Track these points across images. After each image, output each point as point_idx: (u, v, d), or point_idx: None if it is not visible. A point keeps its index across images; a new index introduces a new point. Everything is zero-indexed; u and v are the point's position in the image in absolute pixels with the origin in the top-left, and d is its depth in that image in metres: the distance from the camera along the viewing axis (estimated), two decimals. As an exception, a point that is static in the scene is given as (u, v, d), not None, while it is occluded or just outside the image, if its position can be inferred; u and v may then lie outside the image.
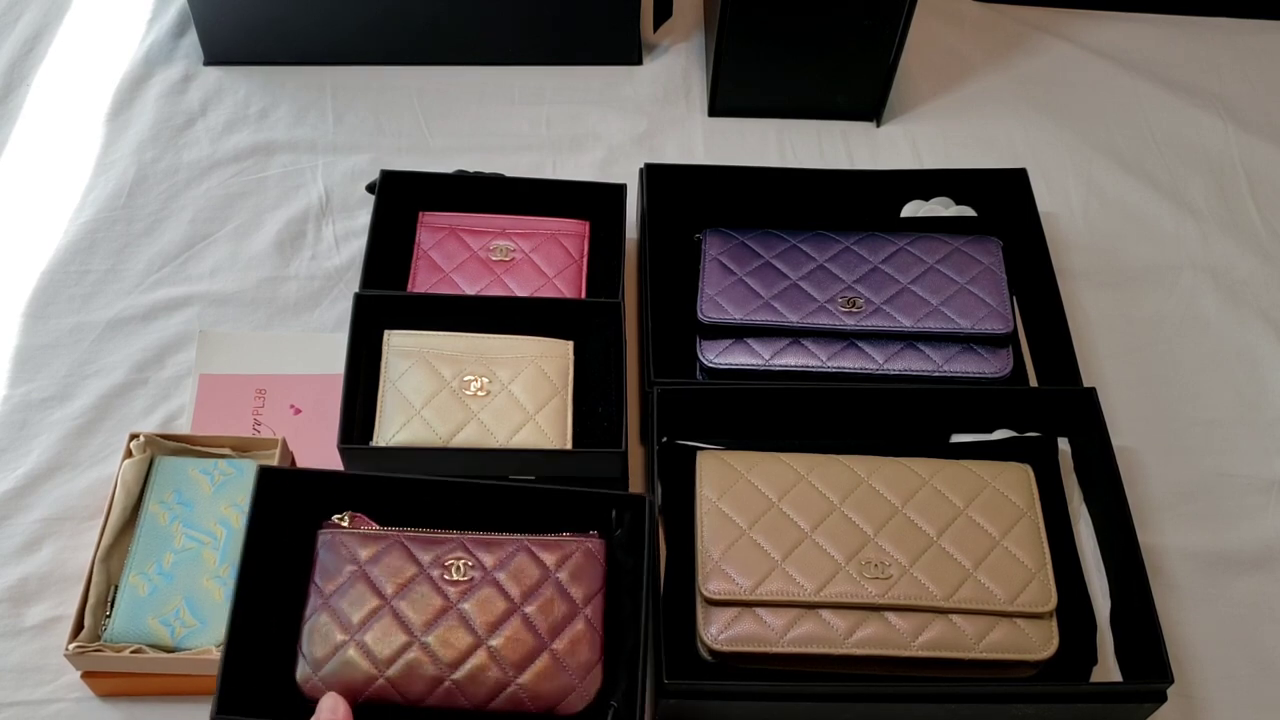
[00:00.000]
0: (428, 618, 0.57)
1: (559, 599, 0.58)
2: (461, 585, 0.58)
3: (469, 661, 0.56)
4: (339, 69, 0.97)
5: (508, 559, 0.59)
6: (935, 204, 0.86)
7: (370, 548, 0.59)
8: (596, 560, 0.59)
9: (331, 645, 0.56)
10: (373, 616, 0.57)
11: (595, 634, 0.58)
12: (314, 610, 0.57)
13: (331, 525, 0.60)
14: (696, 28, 1.04)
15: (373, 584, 0.58)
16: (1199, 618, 0.70)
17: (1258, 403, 0.81)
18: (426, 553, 0.59)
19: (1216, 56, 1.04)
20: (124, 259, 0.84)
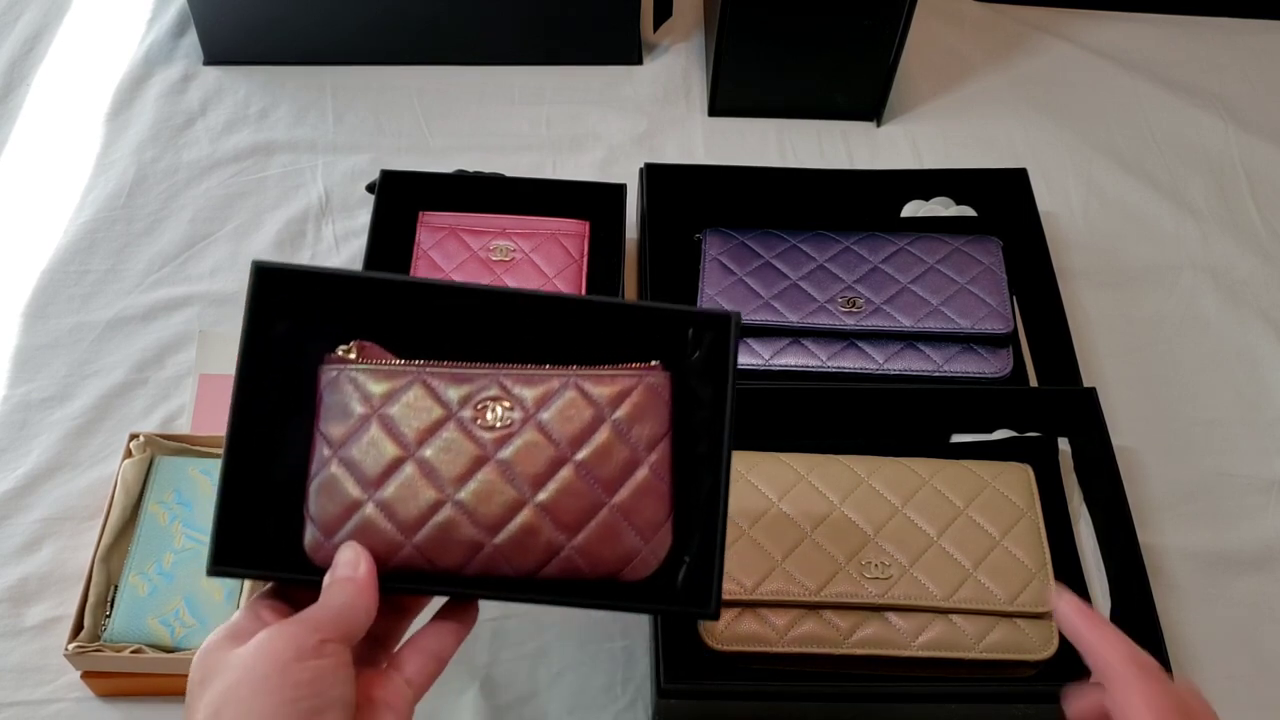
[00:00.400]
0: (460, 470, 0.46)
1: (618, 444, 0.47)
2: (499, 431, 0.47)
3: (513, 522, 0.46)
4: (339, 69, 0.97)
5: (553, 396, 0.47)
6: (935, 204, 0.86)
7: (385, 384, 0.47)
8: (661, 397, 0.48)
9: (345, 505, 0.46)
10: (394, 470, 0.46)
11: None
12: (322, 463, 0.47)
13: (336, 359, 0.48)
14: (696, 27, 1.04)
15: (391, 430, 0.47)
16: (1199, 618, 0.70)
17: (1258, 402, 0.81)
18: (455, 390, 0.47)
19: (1217, 56, 1.04)
20: (124, 259, 0.84)
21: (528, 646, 0.67)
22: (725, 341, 0.48)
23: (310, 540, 0.46)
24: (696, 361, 0.49)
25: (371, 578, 0.44)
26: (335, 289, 0.49)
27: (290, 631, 0.41)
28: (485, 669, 0.66)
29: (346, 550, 0.45)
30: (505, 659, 0.66)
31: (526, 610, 0.68)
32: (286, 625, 0.41)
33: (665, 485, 0.47)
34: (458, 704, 0.64)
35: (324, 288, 0.48)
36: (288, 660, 0.39)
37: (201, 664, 0.42)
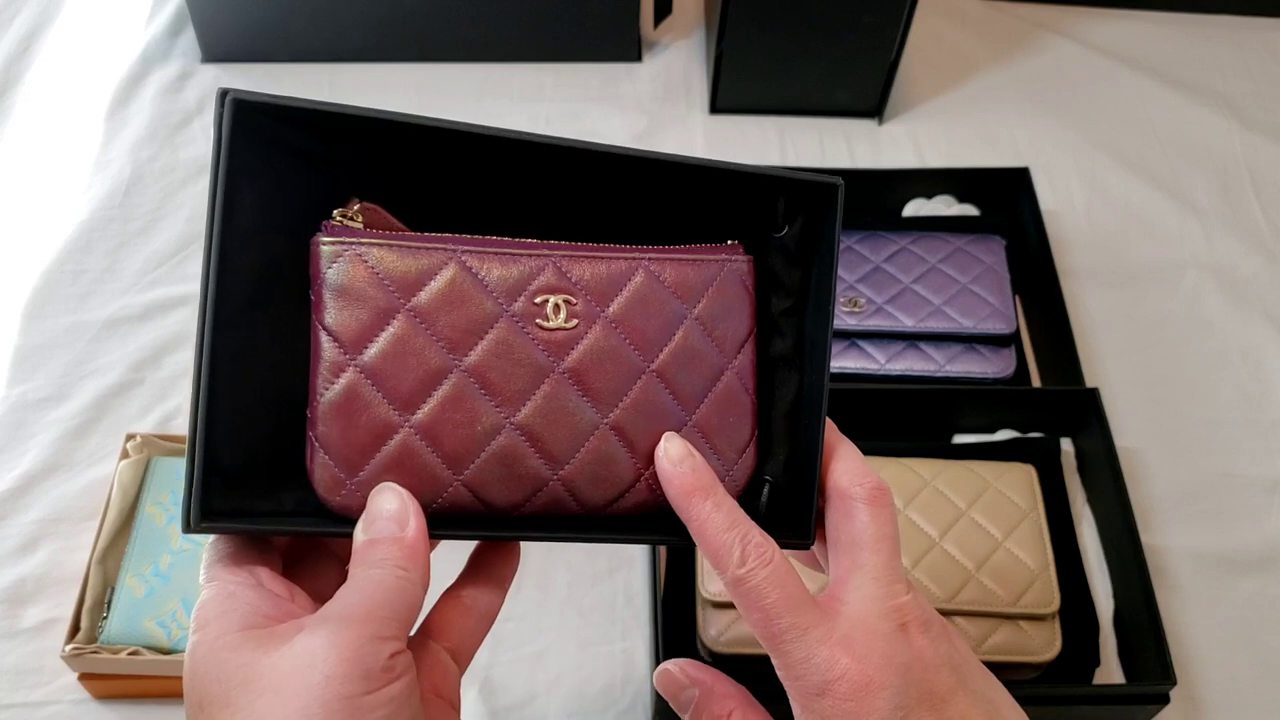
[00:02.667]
0: (519, 384, 0.36)
1: (700, 347, 0.38)
2: (561, 334, 0.36)
3: (583, 448, 0.37)
4: (337, 66, 0.97)
5: (621, 284, 0.38)
6: (938, 202, 0.86)
7: (410, 263, 0.35)
8: (745, 287, 0.40)
9: (373, 430, 0.35)
10: (434, 383, 0.35)
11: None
12: (334, 373, 0.35)
13: (339, 229, 0.35)
14: (697, 25, 1.03)
15: (426, 328, 0.35)
16: (1202, 619, 0.70)
17: (1261, 402, 0.80)
18: (503, 274, 0.36)
19: (1221, 54, 1.04)
20: (121, 258, 0.84)
21: (527, 649, 0.66)
22: (829, 216, 0.39)
23: (324, 478, 0.35)
24: (787, 239, 0.40)
25: (423, 536, 0.33)
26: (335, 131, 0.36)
27: (349, 643, 0.30)
28: (484, 671, 0.65)
29: (386, 496, 0.34)
30: (504, 661, 0.66)
31: (526, 612, 0.68)
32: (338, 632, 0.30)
33: (750, 397, 0.39)
34: (457, 706, 0.64)
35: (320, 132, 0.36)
36: (354, 691, 0.29)
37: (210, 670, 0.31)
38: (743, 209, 0.40)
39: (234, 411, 0.34)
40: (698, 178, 0.39)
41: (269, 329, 0.35)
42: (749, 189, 0.40)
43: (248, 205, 0.35)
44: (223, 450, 0.34)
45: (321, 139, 0.37)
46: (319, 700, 0.29)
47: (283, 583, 0.34)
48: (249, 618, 0.32)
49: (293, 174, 0.36)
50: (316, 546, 0.37)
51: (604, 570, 0.69)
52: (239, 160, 0.34)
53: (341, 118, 0.35)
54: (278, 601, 0.33)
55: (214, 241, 0.33)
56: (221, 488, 0.34)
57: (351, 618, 0.31)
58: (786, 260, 0.40)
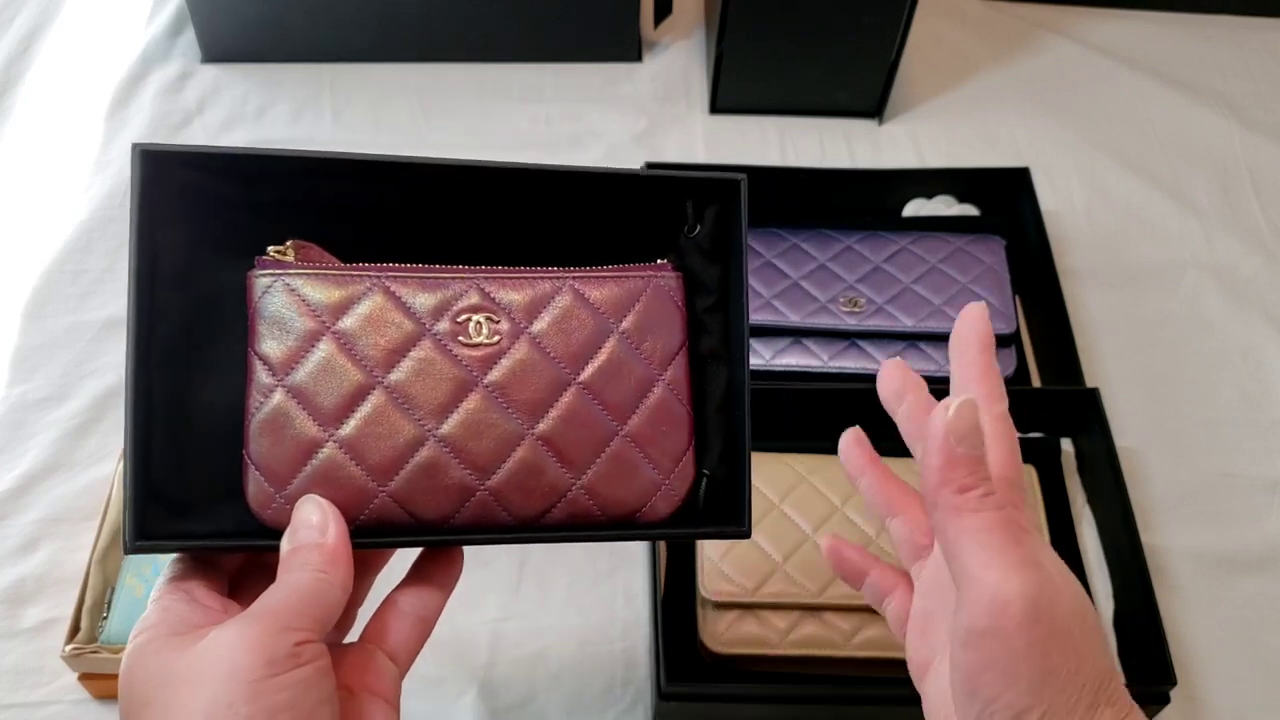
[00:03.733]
0: (442, 399, 0.38)
1: (627, 360, 0.39)
2: (485, 349, 0.38)
3: (509, 459, 0.38)
4: (337, 66, 0.97)
5: (545, 303, 0.39)
6: (938, 202, 0.86)
7: (337, 292, 0.38)
8: (674, 301, 0.41)
9: (299, 446, 0.37)
10: (358, 399, 0.37)
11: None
12: (264, 394, 0.37)
13: (270, 263, 0.38)
14: (697, 25, 1.03)
15: (350, 349, 0.37)
16: (1202, 619, 0.70)
17: (1261, 403, 0.80)
18: (425, 298, 0.38)
19: (1221, 54, 1.04)
20: (121, 258, 0.84)
21: (527, 649, 0.66)
22: (734, 211, 0.41)
23: (256, 493, 0.37)
24: (699, 237, 0.41)
25: (343, 542, 0.35)
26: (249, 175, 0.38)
27: (253, 635, 0.32)
28: (484, 671, 0.65)
29: (307, 507, 0.36)
30: (504, 661, 0.66)
31: (525, 612, 0.68)
32: (247, 625, 0.32)
33: (685, 408, 0.40)
34: (456, 707, 0.64)
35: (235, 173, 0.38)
36: (256, 678, 0.31)
37: (136, 674, 0.33)
38: (658, 215, 0.41)
39: (173, 443, 0.37)
40: (605, 186, 0.41)
41: (206, 364, 0.38)
42: (658, 193, 0.41)
43: (172, 249, 0.37)
44: (163, 477, 0.37)
45: (234, 182, 0.39)
46: (226, 685, 0.31)
47: (217, 598, 0.36)
48: (176, 627, 0.34)
49: (219, 219, 0.39)
50: (261, 568, 0.39)
51: (604, 570, 0.69)
52: (156, 209, 0.37)
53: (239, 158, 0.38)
54: (208, 613, 0.35)
55: (134, 286, 0.36)
56: (162, 512, 0.37)
57: (262, 613, 0.33)
58: (705, 259, 0.42)
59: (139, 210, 0.36)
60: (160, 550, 0.36)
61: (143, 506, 0.36)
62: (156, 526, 0.36)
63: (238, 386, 0.38)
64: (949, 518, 0.34)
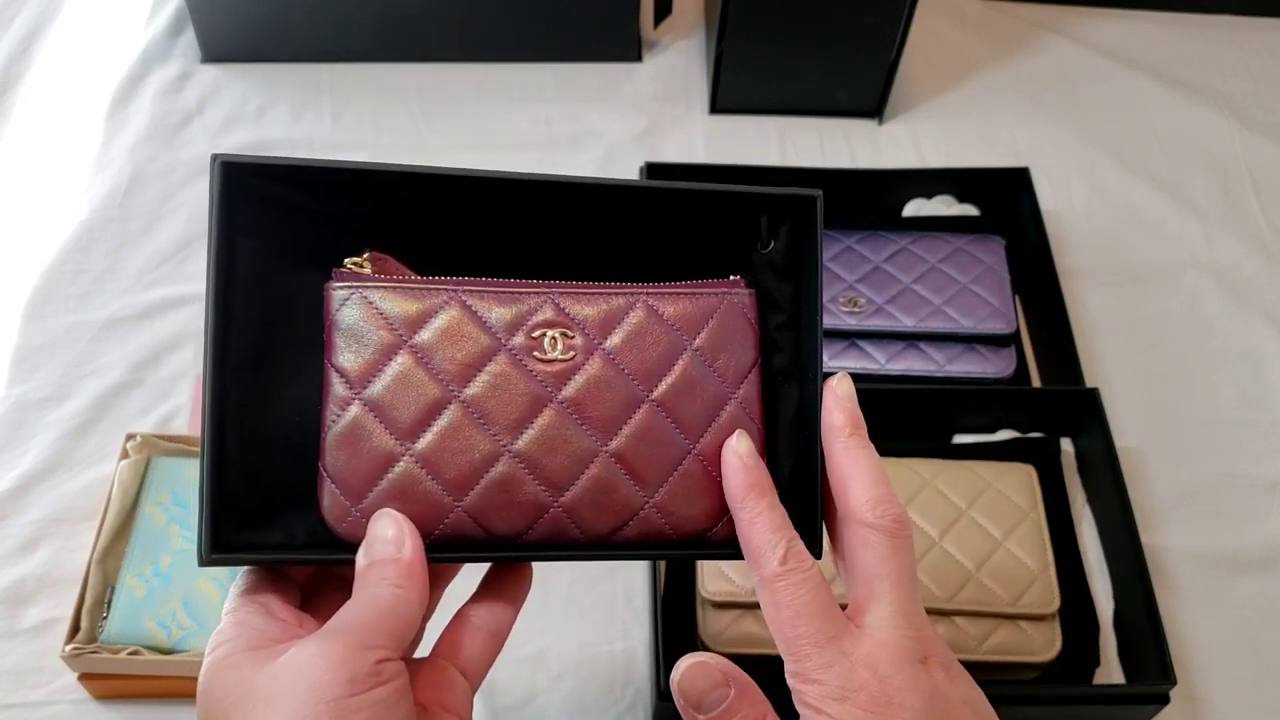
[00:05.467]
0: (517, 413, 0.38)
1: (700, 378, 0.39)
2: (559, 365, 0.38)
3: (583, 476, 0.38)
4: (337, 66, 0.97)
5: (619, 319, 0.39)
6: (938, 202, 0.86)
7: (414, 305, 0.38)
8: (747, 318, 0.40)
9: (376, 459, 0.37)
10: (434, 413, 0.37)
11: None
12: (340, 406, 0.37)
13: (348, 275, 0.38)
14: (697, 25, 1.03)
15: (427, 363, 0.38)
16: (1202, 619, 0.70)
17: (1261, 403, 0.80)
18: (501, 312, 0.38)
19: (1220, 54, 1.04)
20: (120, 258, 0.84)
21: (527, 649, 0.66)
22: (809, 228, 0.41)
23: (332, 506, 0.37)
24: (772, 254, 0.41)
25: (419, 558, 0.35)
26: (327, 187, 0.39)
27: (334, 652, 0.32)
28: (484, 671, 0.65)
29: (384, 522, 0.36)
30: (504, 661, 0.65)
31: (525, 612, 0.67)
32: (326, 642, 0.32)
33: (757, 425, 0.40)
34: (457, 706, 0.64)
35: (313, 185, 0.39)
36: (337, 695, 0.31)
37: (214, 689, 0.33)
38: (730, 230, 0.41)
39: (246, 453, 0.37)
40: (679, 202, 0.41)
41: (280, 374, 0.38)
42: (731, 209, 0.41)
43: (249, 259, 0.37)
44: (236, 489, 0.37)
45: (312, 194, 0.39)
46: (306, 703, 0.31)
47: (292, 611, 0.36)
48: (254, 641, 0.34)
49: (293, 229, 0.39)
50: (333, 579, 0.39)
51: (604, 570, 0.69)
52: (234, 219, 0.37)
53: (324, 172, 0.38)
54: (284, 627, 0.35)
55: (213, 291, 0.36)
56: (234, 523, 0.37)
57: (341, 630, 0.33)
58: (777, 276, 0.42)
59: (218, 220, 0.36)
60: (236, 563, 0.37)
61: (217, 515, 0.36)
62: (230, 537, 0.36)
63: (311, 397, 0.38)
64: None
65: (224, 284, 0.37)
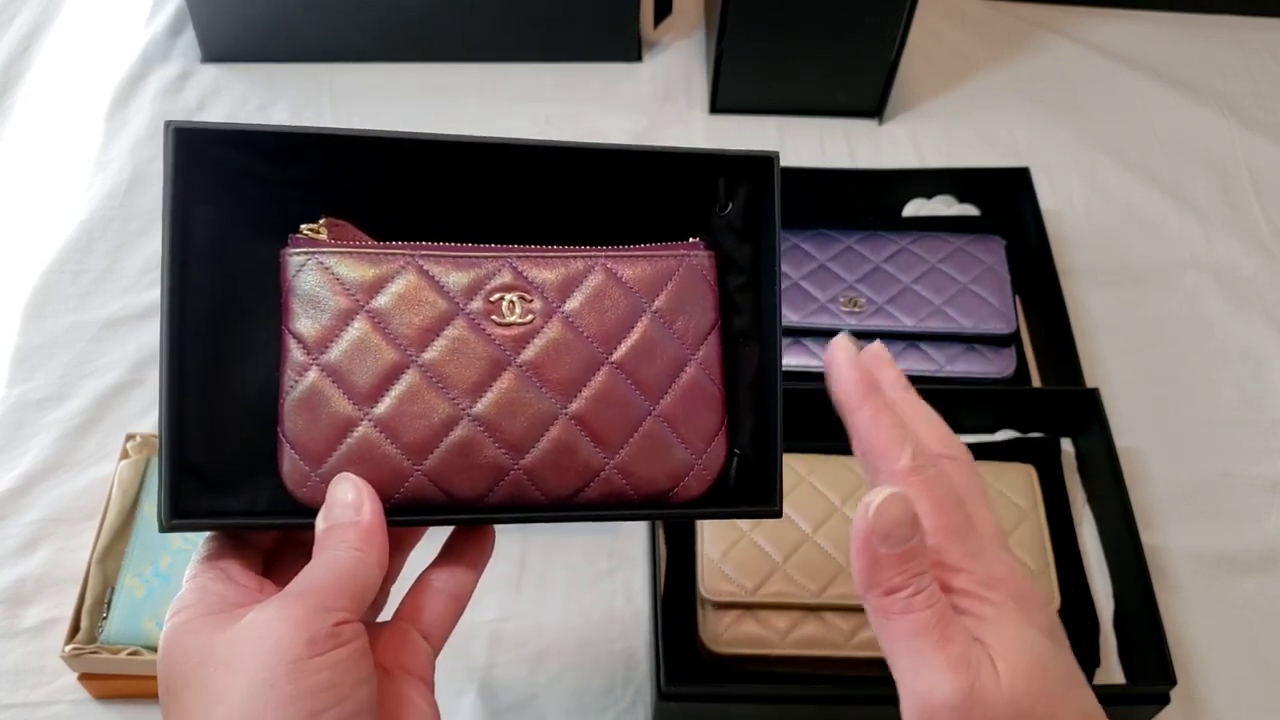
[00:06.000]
0: (476, 377, 0.38)
1: (659, 340, 0.39)
2: (518, 329, 0.38)
3: (543, 438, 0.38)
4: (337, 66, 0.97)
5: (578, 282, 0.39)
6: (938, 202, 0.86)
7: (370, 270, 0.38)
8: (706, 280, 0.40)
9: (334, 424, 0.37)
10: (392, 378, 0.37)
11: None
12: (298, 372, 0.37)
13: (304, 241, 0.38)
14: (697, 24, 1.03)
15: (384, 327, 0.37)
16: (1203, 619, 0.70)
17: (1262, 403, 0.80)
18: (458, 276, 0.38)
19: (1220, 54, 1.04)
20: (121, 258, 0.84)
21: (527, 648, 0.66)
22: (766, 189, 0.41)
23: (291, 471, 0.37)
24: (731, 216, 0.41)
25: (378, 520, 0.35)
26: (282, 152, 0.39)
27: (294, 614, 0.32)
28: (483, 671, 0.65)
29: (343, 486, 0.36)
30: (504, 661, 0.66)
31: (525, 612, 0.68)
32: (286, 605, 0.32)
33: (716, 387, 0.40)
34: (456, 707, 0.64)
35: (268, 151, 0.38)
36: (296, 657, 0.31)
37: (175, 654, 0.33)
38: (689, 193, 0.41)
39: (206, 418, 0.37)
40: (638, 162, 0.41)
41: (239, 340, 0.38)
42: (689, 170, 0.41)
43: (206, 225, 0.38)
44: (197, 453, 0.37)
45: (267, 160, 0.39)
46: (266, 665, 0.31)
47: (253, 577, 0.36)
48: (214, 606, 0.34)
49: (250, 196, 0.39)
50: (295, 545, 0.39)
51: (604, 570, 0.69)
52: (189, 185, 0.37)
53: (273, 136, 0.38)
54: (245, 591, 0.35)
55: (168, 257, 0.37)
56: (196, 489, 0.37)
57: (301, 593, 0.33)
58: (736, 238, 0.42)
59: (172, 186, 0.36)
60: (196, 529, 0.36)
61: (177, 481, 0.36)
62: (191, 503, 0.36)
63: (271, 363, 0.38)
64: (877, 620, 0.35)
65: (179, 251, 0.37)
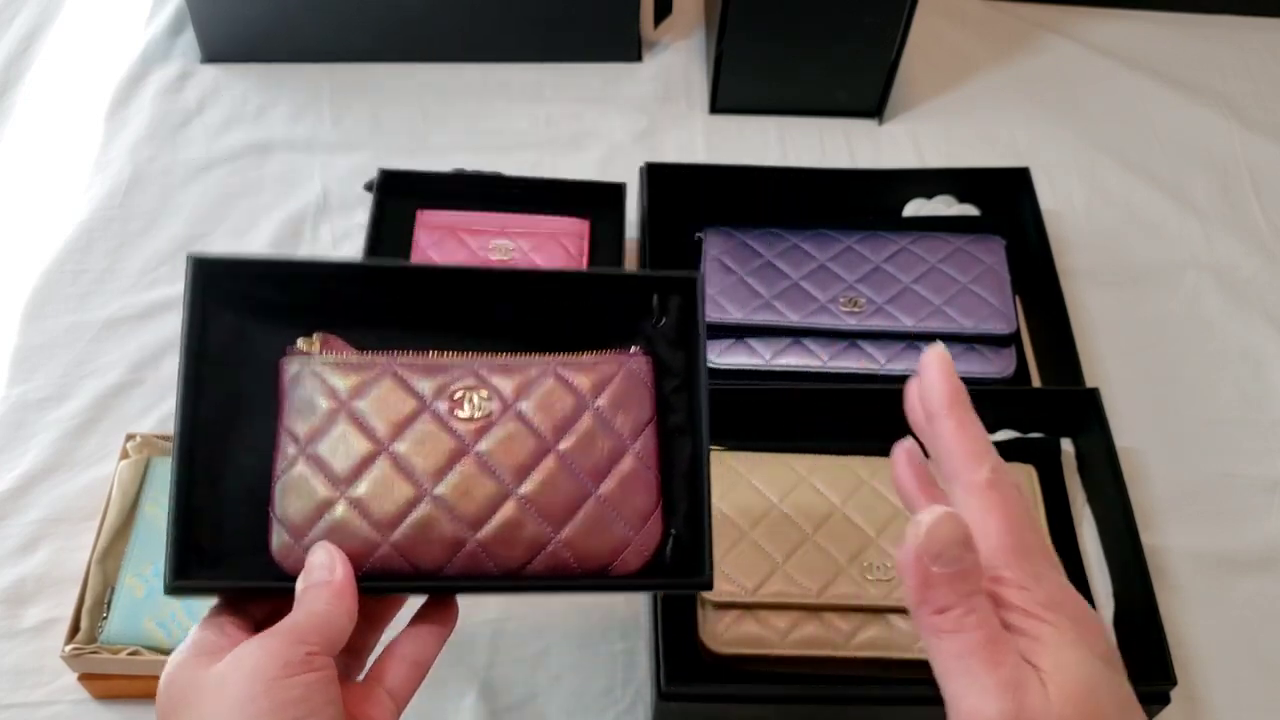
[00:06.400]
0: (438, 464, 0.44)
1: (601, 432, 0.46)
2: (477, 422, 0.45)
3: (496, 516, 0.44)
4: (337, 66, 0.97)
5: (532, 385, 0.46)
6: (938, 202, 0.86)
7: (353, 378, 0.45)
8: (643, 382, 0.47)
9: (315, 504, 0.44)
10: (366, 465, 0.44)
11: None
12: (288, 462, 0.44)
13: (298, 353, 0.45)
14: (697, 24, 1.03)
15: (361, 423, 0.44)
16: (1203, 619, 0.70)
17: (1261, 402, 0.80)
18: (428, 381, 0.45)
19: (1220, 54, 1.04)
20: (121, 258, 0.84)
21: (527, 649, 0.66)
22: (692, 304, 0.47)
23: (279, 545, 0.44)
24: (665, 328, 0.48)
25: (349, 580, 0.41)
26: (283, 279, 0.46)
27: (272, 645, 0.39)
28: (484, 672, 0.65)
29: (319, 552, 0.42)
30: (504, 662, 0.66)
31: (526, 613, 0.68)
32: (267, 639, 0.39)
33: (653, 473, 0.46)
34: (457, 708, 0.64)
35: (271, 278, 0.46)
36: (273, 676, 0.37)
37: (172, 686, 0.39)
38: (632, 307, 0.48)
39: (210, 506, 0.44)
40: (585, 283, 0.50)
41: (241, 434, 0.45)
42: (628, 289, 0.49)
43: (216, 337, 0.45)
44: (200, 535, 0.43)
45: (269, 287, 0.46)
46: (248, 684, 0.37)
47: (244, 633, 0.42)
48: (206, 649, 0.40)
49: (255, 314, 0.46)
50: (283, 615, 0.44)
51: (604, 570, 0.69)
52: (205, 306, 0.45)
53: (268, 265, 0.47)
54: (235, 641, 0.40)
55: (184, 368, 0.43)
56: (197, 562, 0.43)
57: (279, 630, 0.40)
58: (670, 346, 0.48)
59: (190, 308, 0.44)
60: (195, 593, 0.43)
61: (183, 556, 0.42)
62: (193, 573, 0.42)
63: (266, 453, 0.45)
64: (928, 638, 0.35)
65: (195, 363, 0.43)
